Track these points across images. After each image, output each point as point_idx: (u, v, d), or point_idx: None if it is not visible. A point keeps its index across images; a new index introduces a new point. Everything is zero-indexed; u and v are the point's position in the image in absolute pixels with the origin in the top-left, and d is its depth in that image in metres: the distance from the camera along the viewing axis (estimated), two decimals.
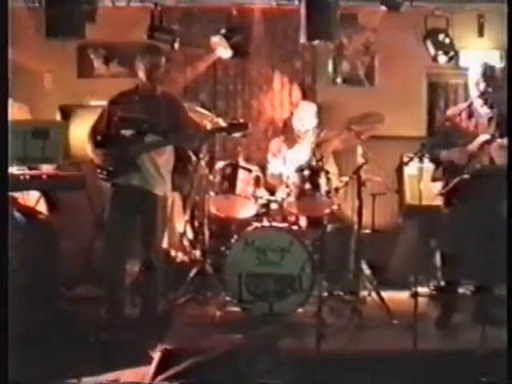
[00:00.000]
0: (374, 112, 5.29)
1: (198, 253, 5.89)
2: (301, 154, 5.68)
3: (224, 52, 6.41)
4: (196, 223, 6.35)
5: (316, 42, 6.13)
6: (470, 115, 5.05)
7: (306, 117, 5.84)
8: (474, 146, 4.90)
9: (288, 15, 6.69)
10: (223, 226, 5.70)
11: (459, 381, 4.00)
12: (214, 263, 5.35)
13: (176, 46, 6.33)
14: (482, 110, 5.01)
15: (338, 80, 7.20)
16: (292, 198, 5.09)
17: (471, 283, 5.17)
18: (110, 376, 3.87)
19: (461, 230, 4.89)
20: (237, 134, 4.84)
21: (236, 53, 6.40)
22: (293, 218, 5.33)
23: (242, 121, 4.88)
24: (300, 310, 4.90)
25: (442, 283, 5.38)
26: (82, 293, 5.60)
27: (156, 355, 4.01)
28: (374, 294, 5.21)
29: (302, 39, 5.95)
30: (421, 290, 5.35)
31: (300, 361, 4.07)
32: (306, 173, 5.05)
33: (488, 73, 4.98)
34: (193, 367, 3.89)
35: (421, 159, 4.55)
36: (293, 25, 6.48)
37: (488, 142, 4.90)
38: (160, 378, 3.83)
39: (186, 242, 6.10)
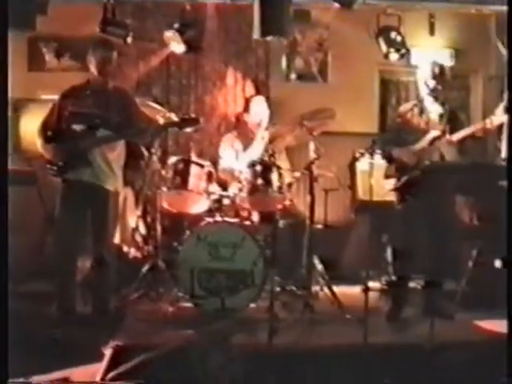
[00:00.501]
0: (325, 108, 5.32)
1: (150, 248, 5.86)
2: (253, 149, 5.68)
3: (177, 47, 6.36)
4: (148, 219, 6.31)
5: (269, 38, 6.13)
6: (421, 112, 5.13)
7: (259, 112, 5.85)
8: (424, 142, 4.99)
9: (242, 11, 6.68)
10: (175, 222, 5.67)
11: (409, 374, 4.06)
12: (166, 259, 5.32)
13: (129, 40, 6.25)
14: (433, 107, 5.09)
15: (292, 76, 7.23)
16: (244, 194, 5.09)
17: (421, 278, 5.24)
18: (61, 374, 3.83)
19: (412, 226, 4.97)
20: (189, 129, 4.84)
21: (189, 48, 6.35)
22: (245, 214, 5.34)
23: (193, 116, 4.87)
24: (252, 305, 4.91)
25: (394, 278, 5.46)
26: (33, 289, 5.52)
27: (107, 352, 3.98)
28: (326, 289, 5.25)
29: (256, 35, 5.95)
30: (372, 284, 5.43)
31: (252, 356, 4.09)
32: (259, 168, 5.05)
33: (438, 71, 5.07)
34: (144, 363, 3.88)
35: (372, 155, 4.61)
36: (246, 20, 6.46)
37: (438, 138, 4.99)
38: (111, 374, 3.80)
39: (138, 238, 6.06)
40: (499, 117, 5.02)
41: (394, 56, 6.80)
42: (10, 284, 5.12)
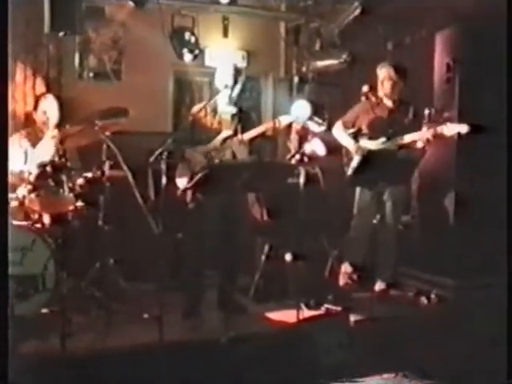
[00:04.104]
0: (118, 107, 5.27)
1: None
2: (43, 149, 5.47)
3: None
4: None
5: (61, 34, 5.98)
6: (214, 112, 5.25)
7: (49, 111, 5.66)
8: (216, 141, 5.12)
9: (32, 3, 6.40)
10: None
11: (207, 368, 4.14)
12: None
13: None
14: (225, 108, 5.24)
15: (85, 74, 7.06)
16: (34, 195, 4.91)
17: (216, 274, 5.36)
18: None
19: (204, 224, 5.08)
20: None
21: None
22: (35, 216, 5.14)
23: None
24: (44, 310, 4.73)
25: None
26: None
27: None
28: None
29: (46, 30, 5.77)
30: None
31: (45, 363, 3.96)
32: (49, 169, 4.90)
33: (231, 72, 5.22)
34: None
35: (164, 154, 4.65)
36: (37, 14, 6.21)
37: (230, 138, 5.14)
38: None
39: None
40: (287, 117, 5.30)
41: (188, 57, 6.93)
42: None
